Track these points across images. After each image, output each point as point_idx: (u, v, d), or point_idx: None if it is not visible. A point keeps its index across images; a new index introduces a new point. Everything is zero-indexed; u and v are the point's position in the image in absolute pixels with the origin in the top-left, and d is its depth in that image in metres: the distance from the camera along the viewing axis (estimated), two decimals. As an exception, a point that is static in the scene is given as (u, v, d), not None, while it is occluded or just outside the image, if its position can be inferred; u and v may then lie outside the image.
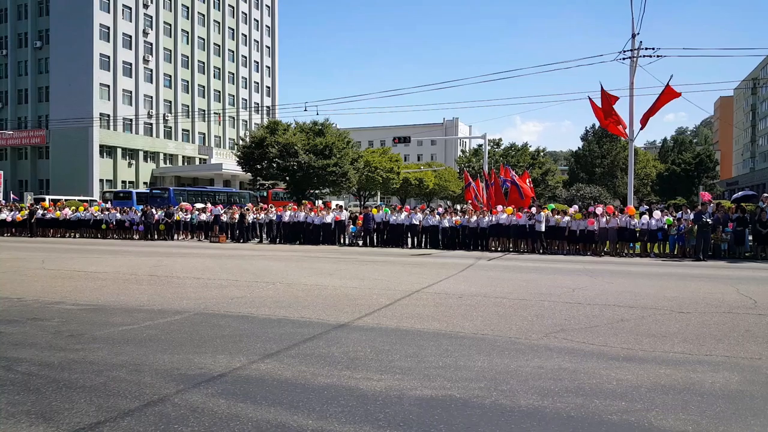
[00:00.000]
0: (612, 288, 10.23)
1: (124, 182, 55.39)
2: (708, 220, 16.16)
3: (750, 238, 16.49)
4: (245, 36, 72.11)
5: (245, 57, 72.03)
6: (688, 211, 17.71)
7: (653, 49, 20.14)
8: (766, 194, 25.92)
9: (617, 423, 3.78)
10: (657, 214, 17.52)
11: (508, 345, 5.87)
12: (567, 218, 18.52)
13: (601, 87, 20.23)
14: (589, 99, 20.62)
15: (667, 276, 12.38)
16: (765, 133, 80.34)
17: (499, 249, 19.49)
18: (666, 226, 17.19)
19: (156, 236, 25.26)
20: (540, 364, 5.15)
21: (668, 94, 18.89)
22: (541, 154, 65.06)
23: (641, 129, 20.55)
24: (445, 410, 4.01)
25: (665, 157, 76.46)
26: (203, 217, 25.42)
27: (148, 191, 42.73)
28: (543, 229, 18.47)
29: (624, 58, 20.34)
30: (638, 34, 20.01)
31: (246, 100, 72.08)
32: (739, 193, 31.54)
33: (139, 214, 26.26)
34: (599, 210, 18.31)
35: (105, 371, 4.88)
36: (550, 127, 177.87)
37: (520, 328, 6.66)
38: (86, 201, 35.78)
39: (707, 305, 8.22)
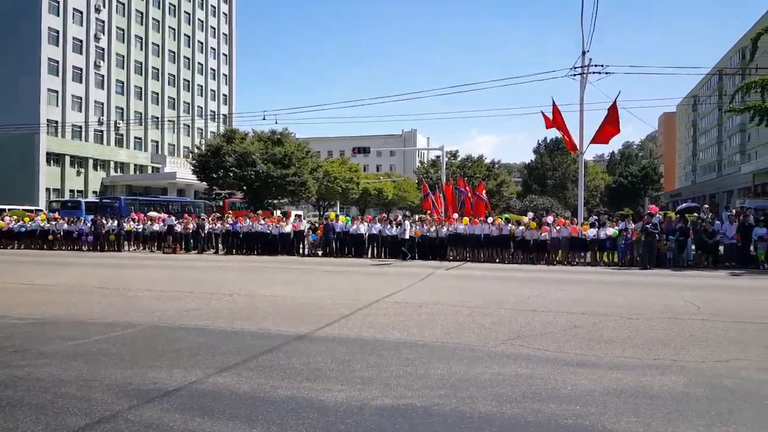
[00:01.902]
0: (565, 296, 10.54)
1: (72, 191, 53.18)
2: (652, 229, 16.86)
3: (693, 247, 17.29)
4: (201, 43, 70.90)
5: (201, 64, 70.76)
6: (632, 222, 18.47)
7: (602, 66, 20.99)
8: (707, 205, 27.38)
9: (572, 427, 3.90)
10: (609, 230, 18.09)
11: (467, 353, 5.97)
12: (521, 228, 18.98)
13: (553, 102, 20.92)
14: (543, 114, 21.26)
15: (617, 284, 12.85)
16: (705, 148, 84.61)
17: (456, 258, 19.76)
18: (614, 237, 17.86)
19: (106, 247, 24.38)
20: (498, 371, 5.26)
21: (614, 117, 19.73)
22: (496, 165, 66.61)
23: (591, 144, 21.30)
24: (407, 419, 4.04)
25: (613, 169, 79.60)
26: (156, 227, 24.70)
27: (98, 200, 41.17)
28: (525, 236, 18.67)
29: (575, 74, 21.12)
30: (588, 51, 20.84)
31: (202, 107, 70.70)
32: (683, 204, 33.18)
33: (88, 225, 25.28)
34: (550, 219, 18.84)
35: (52, 388, 4.69)
36: (505, 140, 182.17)
37: (479, 336, 6.78)
38: (32, 211, 34.15)
39: (654, 311, 8.57)
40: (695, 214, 19.87)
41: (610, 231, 17.97)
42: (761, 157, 52.10)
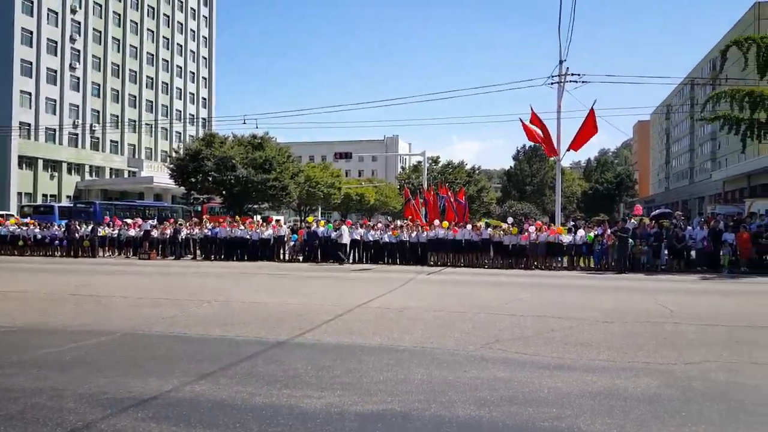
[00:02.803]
0: (542, 300, 10.69)
1: (45, 196, 51.99)
2: (622, 234, 17.19)
3: (666, 252, 17.69)
4: (180, 46, 70.14)
5: (180, 67, 69.99)
6: (607, 228, 18.83)
7: (579, 75, 21.41)
8: (679, 212, 28.00)
9: (549, 429, 3.96)
10: (581, 232, 18.52)
11: (446, 357, 6.00)
12: (501, 233, 19.20)
13: (531, 109, 21.24)
14: (521, 121, 21.56)
15: (592, 288, 13.07)
16: (677, 156, 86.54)
17: (437, 263, 19.85)
18: (589, 242, 18.18)
19: (80, 253, 23.89)
20: (477, 375, 5.31)
21: (591, 123, 20.12)
22: (476, 171, 67.27)
23: (568, 151, 21.68)
24: (386, 424, 4.05)
25: (589, 176, 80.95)
26: (132, 232, 24.30)
27: (72, 205, 40.32)
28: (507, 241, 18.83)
29: (552, 83, 21.50)
30: (565, 60, 21.23)
31: (180, 111, 69.87)
32: (657, 210, 33.85)
33: (62, 230, 24.73)
34: (532, 229, 19.02)
35: (23, 398, 4.57)
36: (485, 146, 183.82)
37: (458, 340, 6.83)
38: (2, 215, 33.32)
39: (629, 315, 8.73)
40: (669, 220, 20.29)
41: (581, 233, 18.32)
42: (731, 165, 53.47)
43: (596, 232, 18.46)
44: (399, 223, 23.69)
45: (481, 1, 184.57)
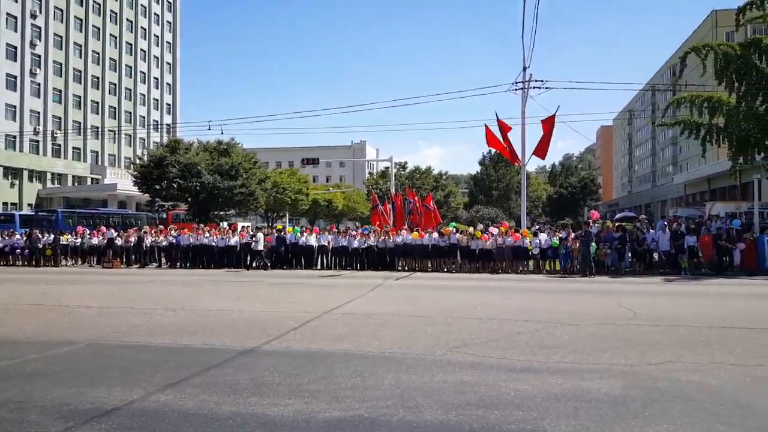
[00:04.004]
0: (509, 303, 10.86)
1: (5, 204, 50.24)
2: (583, 237, 17.56)
3: (629, 255, 18.16)
4: (144, 51, 68.83)
5: (144, 73, 68.65)
6: (571, 231, 19.24)
7: (542, 81, 21.84)
8: (643, 215, 28.79)
9: None
10: (542, 236, 18.85)
11: (414, 362, 6.05)
12: (467, 237, 19.40)
13: (497, 116, 21.58)
14: (486, 127, 21.87)
15: (558, 291, 13.35)
16: (640, 160, 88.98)
17: (405, 268, 19.94)
18: (553, 246, 18.54)
19: (42, 262, 23.17)
20: (444, 379, 5.36)
21: (550, 124, 20.59)
22: (444, 177, 67.93)
23: (532, 158, 22.10)
24: (353, 430, 4.07)
25: (554, 180, 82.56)
26: (95, 240, 23.70)
27: (34, 213, 39.09)
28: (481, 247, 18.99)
29: (516, 89, 21.89)
30: (529, 66, 21.65)
31: (144, 117, 68.49)
32: (620, 214, 34.77)
33: (23, 238, 23.99)
34: (495, 230, 19.32)
35: (-19, 411, 4.44)
36: (451, 152, 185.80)
37: (426, 345, 6.88)
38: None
39: (593, 317, 8.93)
40: (633, 224, 20.83)
41: (543, 237, 18.67)
42: (692, 168, 55.07)
43: (561, 236, 18.83)
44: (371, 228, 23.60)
45: (446, 8, 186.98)
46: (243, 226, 28.41)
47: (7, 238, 24.31)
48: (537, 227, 22.46)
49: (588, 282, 15.61)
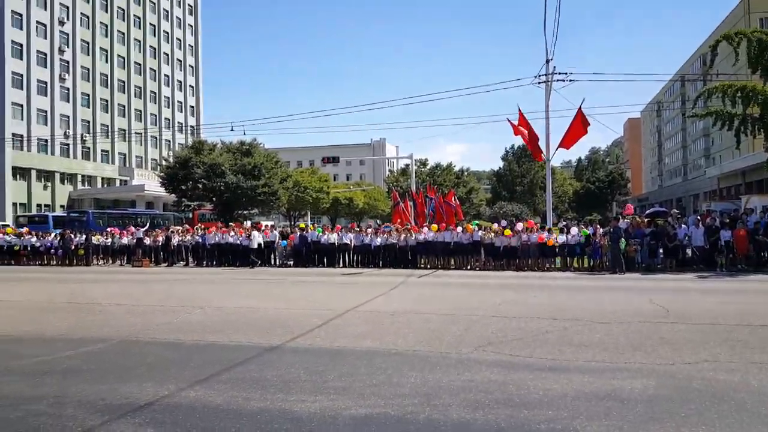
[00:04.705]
0: (535, 301, 10.70)
1: (39, 206, 51.65)
2: (613, 233, 17.14)
3: (660, 251, 17.64)
4: (167, 55, 70.00)
5: (167, 76, 69.82)
6: (598, 227, 18.78)
7: (566, 73, 21.52)
8: (675, 210, 28.06)
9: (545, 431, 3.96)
10: (573, 230, 18.50)
11: (439, 360, 6.00)
12: (492, 234, 19.22)
13: (519, 111, 21.31)
14: (509, 121, 21.63)
15: (586, 289, 13.09)
16: (670, 153, 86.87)
17: (428, 266, 19.86)
18: (582, 240, 18.17)
19: (75, 262, 23.79)
20: (470, 378, 5.30)
21: (579, 121, 20.21)
22: (465, 173, 67.34)
23: (558, 149, 21.77)
24: (380, 428, 4.05)
25: (580, 175, 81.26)
26: (125, 240, 24.22)
27: (66, 214, 40.16)
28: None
29: (539, 82, 21.59)
30: (552, 59, 21.34)
31: (169, 119, 69.67)
32: (651, 209, 33.86)
33: (56, 239, 24.68)
34: (520, 226, 19.07)
35: (22, 405, 4.59)
36: (473, 148, 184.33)
37: (451, 343, 6.82)
38: (-2, 226, 33.12)
39: (624, 315, 8.73)
40: (664, 219, 20.26)
41: (575, 231, 18.30)
42: (725, 161, 53.59)
43: (589, 232, 18.48)
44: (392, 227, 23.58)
45: (466, 3, 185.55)
46: (266, 225, 28.72)
47: (41, 238, 25.03)
48: (564, 223, 22.11)
49: (618, 279, 15.28)
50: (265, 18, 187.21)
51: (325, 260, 21.11)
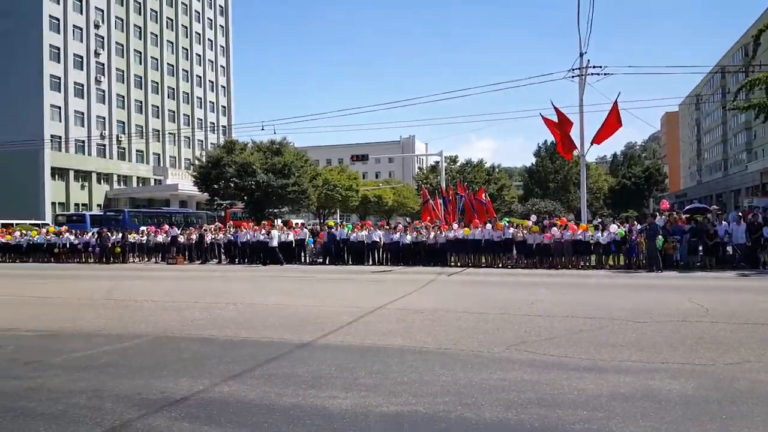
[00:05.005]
0: (569, 300, 10.50)
1: (77, 205, 53.42)
2: (650, 230, 16.62)
3: (700, 249, 17.05)
4: (199, 56, 71.38)
5: (200, 77, 71.21)
6: (636, 223, 18.24)
7: (600, 67, 21.02)
8: (715, 206, 27.14)
9: None
10: (613, 228, 17.96)
11: (471, 358, 5.94)
12: (525, 232, 18.93)
13: (553, 105, 20.94)
14: (542, 116, 21.30)
15: (622, 287, 12.79)
16: (710, 147, 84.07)
17: (458, 264, 19.71)
18: (619, 238, 17.72)
19: (112, 259, 24.47)
20: (503, 377, 5.23)
21: (614, 115, 19.74)
22: (496, 170, 66.50)
23: (591, 145, 21.33)
24: (412, 426, 4.03)
25: (616, 171, 79.33)
26: (160, 238, 24.80)
27: (102, 213, 41.40)
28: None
29: (573, 76, 21.16)
30: (586, 52, 20.88)
31: (201, 119, 71.06)
32: (689, 206, 32.76)
33: (94, 237, 25.44)
34: (555, 230, 18.56)
35: (63, 398, 4.73)
36: (504, 144, 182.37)
37: (482, 342, 6.75)
38: (38, 225, 34.35)
39: (661, 314, 8.49)
40: (704, 215, 19.61)
41: (614, 228, 17.82)
42: (768, 155, 51.67)
43: (624, 229, 18.01)
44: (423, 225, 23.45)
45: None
46: (296, 223, 29.03)
47: (79, 236, 25.82)
48: (599, 220, 21.62)
49: (655, 277, 14.87)
50: (292, 17, 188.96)
51: (354, 258, 21.18)
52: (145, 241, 25.10)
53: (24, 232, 27.53)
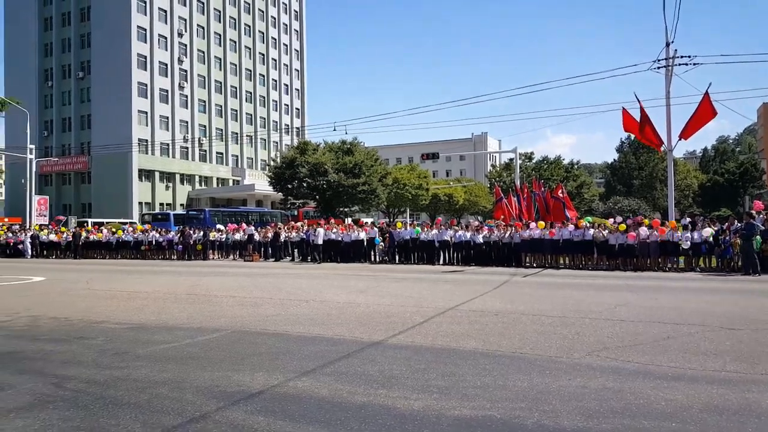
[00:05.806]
0: (656, 304, 9.87)
1: (161, 204, 56.92)
2: (744, 230, 15.26)
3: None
4: (275, 60, 73.87)
5: (275, 81, 73.70)
6: (735, 222, 16.83)
7: (689, 57, 19.69)
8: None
9: (669, 445, 3.60)
10: (707, 230, 16.67)
11: (548, 364, 5.69)
12: (605, 232, 18.03)
13: (636, 98, 19.84)
14: (624, 110, 20.23)
15: (714, 291, 11.89)
16: (812, 141, 76.85)
17: (534, 265, 19.09)
18: (710, 239, 16.48)
19: (193, 256, 25.77)
20: (583, 384, 4.97)
21: (706, 107, 18.39)
22: (575, 166, 63.77)
23: (680, 140, 20.01)
24: (486, 431, 3.90)
25: (706, 167, 74.17)
26: (237, 236, 25.84)
27: (185, 213, 43.78)
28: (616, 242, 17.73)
29: (659, 68, 19.94)
30: (672, 42, 19.62)
31: (276, 122, 73.54)
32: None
33: (177, 235, 26.92)
34: (643, 230, 17.48)
35: (148, 388, 4.97)
36: (583, 139, 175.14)
37: (561, 347, 6.46)
38: (126, 223, 36.87)
39: (760, 322, 7.82)
40: None
41: (707, 232, 16.58)
42: None
43: (717, 229, 16.72)
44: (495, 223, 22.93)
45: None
46: (366, 222, 29.30)
47: (163, 234, 27.43)
48: (688, 219, 20.21)
49: (751, 281, 13.74)
50: (365, 19, 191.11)
51: (425, 257, 21.04)
52: (224, 239, 26.24)
53: (113, 230, 29.62)
